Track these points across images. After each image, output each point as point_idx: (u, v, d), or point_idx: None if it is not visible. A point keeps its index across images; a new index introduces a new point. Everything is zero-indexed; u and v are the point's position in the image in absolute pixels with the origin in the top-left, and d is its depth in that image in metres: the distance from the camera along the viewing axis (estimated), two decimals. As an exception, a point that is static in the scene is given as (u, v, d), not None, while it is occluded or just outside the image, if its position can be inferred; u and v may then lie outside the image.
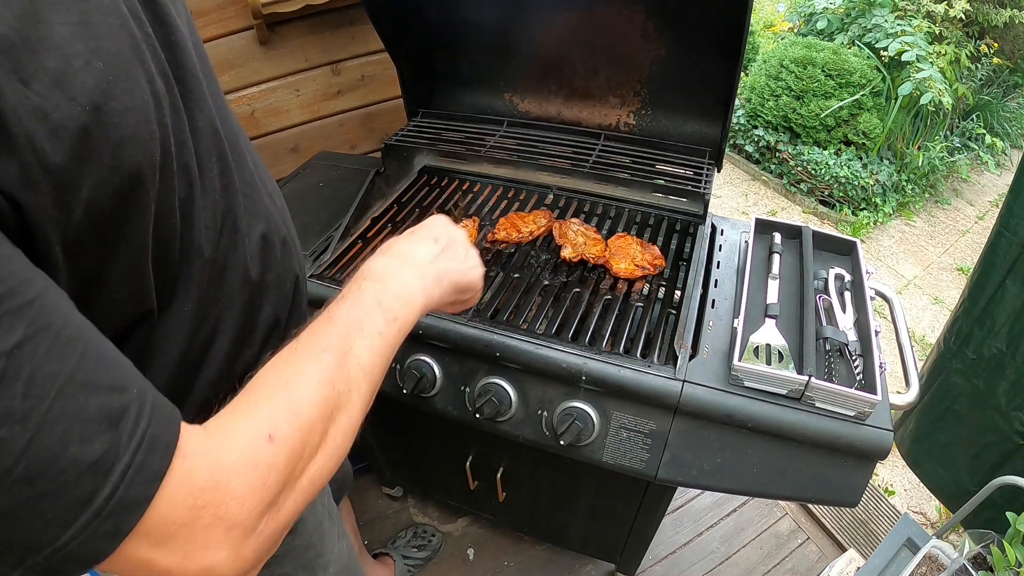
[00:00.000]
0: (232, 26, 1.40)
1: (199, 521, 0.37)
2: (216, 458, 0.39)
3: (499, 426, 0.97)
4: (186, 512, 0.37)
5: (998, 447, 1.48)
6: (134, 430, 0.35)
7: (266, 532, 0.41)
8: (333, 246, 1.15)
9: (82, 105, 0.35)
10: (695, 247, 1.11)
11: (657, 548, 1.76)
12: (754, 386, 0.86)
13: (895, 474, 2.23)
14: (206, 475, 0.38)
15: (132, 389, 0.36)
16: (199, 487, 0.37)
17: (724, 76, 1.10)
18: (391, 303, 0.56)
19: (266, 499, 0.40)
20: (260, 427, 0.42)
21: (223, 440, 0.40)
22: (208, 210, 0.51)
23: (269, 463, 0.41)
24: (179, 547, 0.37)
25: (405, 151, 1.37)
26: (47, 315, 0.32)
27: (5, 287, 0.30)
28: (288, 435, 0.42)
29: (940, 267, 3.27)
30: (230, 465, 0.39)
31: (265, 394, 0.44)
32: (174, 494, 0.36)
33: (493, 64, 1.39)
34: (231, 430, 0.41)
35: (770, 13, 4.99)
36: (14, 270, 0.31)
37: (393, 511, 1.86)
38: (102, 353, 0.35)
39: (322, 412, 0.46)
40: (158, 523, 0.35)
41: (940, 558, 1.35)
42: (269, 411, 0.43)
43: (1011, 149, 3.93)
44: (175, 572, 0.37)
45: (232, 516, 0.38)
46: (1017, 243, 1.37)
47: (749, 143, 3.88)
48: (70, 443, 0.32)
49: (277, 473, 0.41)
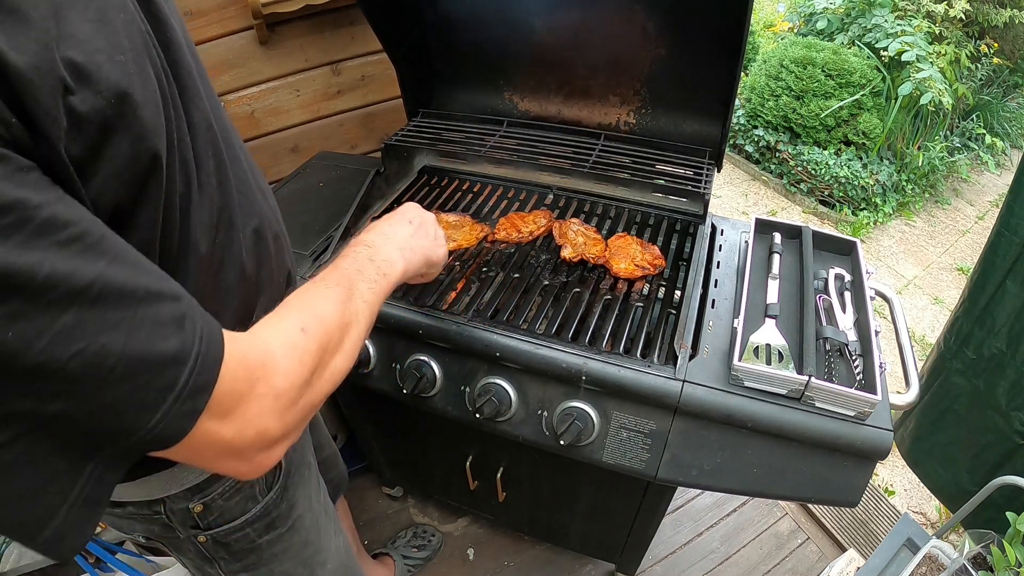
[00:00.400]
0: (232, 26, 1.40)
1: (253, 391, 0.46)
2: (263, 344, 0.48)
3: (499, 426, 0.97)
4: (244, 383, 0.45)
5: (998, 447, 1.48)
6: (193, 327, 0.42)
7: (303, 404, 0.50)
8: (333, 246, 1.15)
9: (107, 99, 0.39)
10: (695, 247, 1.11)
11: (657, 548, 1.76)
12: (754, 386, 0.86)
13: (895, 474, 2.23)
14: (257, 356, 0.47)
15: (185, 297, 0.43)
16: (252, 364, 0.46)
17: (724, 76, 1.11)
18: (380, 263, 0.68)
19: (303, 375, 0.50)
20: (295, 323, 0.52)
21: (265, 333, 0.50)
22: (205, 206, 0.53)
23: (304, 347, 0.51)
24: (238, 417, 0.45)
25: (405, 151, 1.37)
26: (116, 245, 0.39)
27: (82, 227, 0.36)
28: (316, 331, 0.52)
29: (940, 267, 3.27)
30: (275, 348, 0.49)
31: (295, 308, 0.55)
32: (233, 372, 0.44)
33: (493, 63, 1.39)
34: (271, 326, 0.51)
35: (770, 13, 4.99)
36: (83, 214, 0.37)
37: (393, 511, 1.86)
38: (156, 270, 0.42)
39: (339, 322, 0.56)
40: (222, 398, 0.43)
41: (940, 558, 1.35)
42: (300, 315, 0.53)
43: (1011, 149, 3.93)
44: (235, 439, 0.45)
45: (278, 387, 0.47)
46: (1017, 243, 1.37)
47: (749, 143, 3.88)
48: (155, 342, 0.39)
49: (311, 356, 0.51)
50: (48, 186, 0.35)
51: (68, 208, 0.36)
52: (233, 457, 0.47)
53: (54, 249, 0.34)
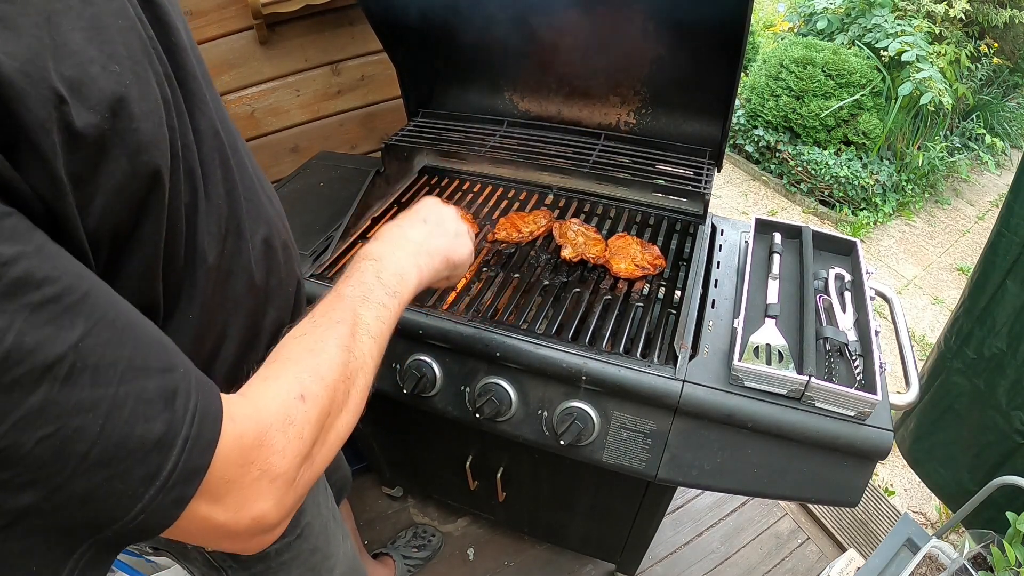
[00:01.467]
0: (232, 26, 1.40)
1: (248, 476, 0.41)
2: (258, 419, 0.43)
3: (499, 426, 0.97)
4: (237, 470, 0.41)
5: (999, 447, 1.48)
6: (186, 405, 0.37)
7: (302, 481, 0.46)
8: (333, 246, 1.15)
9: (100, 113, 0.36)
10: (695, 247, 1.11)
11: (657, 548, 1.76)
12: (754, 386, 0.86)
13: (895, 474, 2.23)
14: (252, 435, 0.42)
15: (179, 368, 0.39)
16: (247, 446, 0.41)
17: (724, 76, 1.10)
18: (389, 279, 0.61)
19: (302, 451, 0.45)
20: (292, 389, 0.46)
21: (262, 402, 0.44)
22: (212, 215, 0.51)
23: (304, 419, 0.45)
24: (232, 502, 0.41)
25: (405, 151, 1.37)
26: (101, 306, 0.34)
27: (61, 284, 0.32)
28: (317, 394, 0.47)
29: (940, 267, 3.27)
30: (271, 424, 0.43)
31: (292, 360, 0.48)
32: (227, 456, 0.39)
33: (493, 63, 1.39)
34: (267, 393, 0.45)
35: (770, 13, 4.99)
36: (65, 267, 0.33)
37: (393, 511, 1.86)
38: (150, 336, 0.38)
39: (343, 374, 0.50)
40: (214, 483, 0.39)
41: (940, 558, 1.35)
42: (297, 375, 0.47)
43: (1011, 149, 3.93)
44: (230, 524, 0.41)
45: (275, 468, 0.43)
46: (1017, 243, 1.37)
47: (749, 143, 3.87)
48: (136, 424, 0.34)
49: (311, 428, 0.46)
50: (26, 233, 0.31)
51: (46, 261, 0.32)
52: (228, 539, 0.43)
53: (24, 313, 0.30)
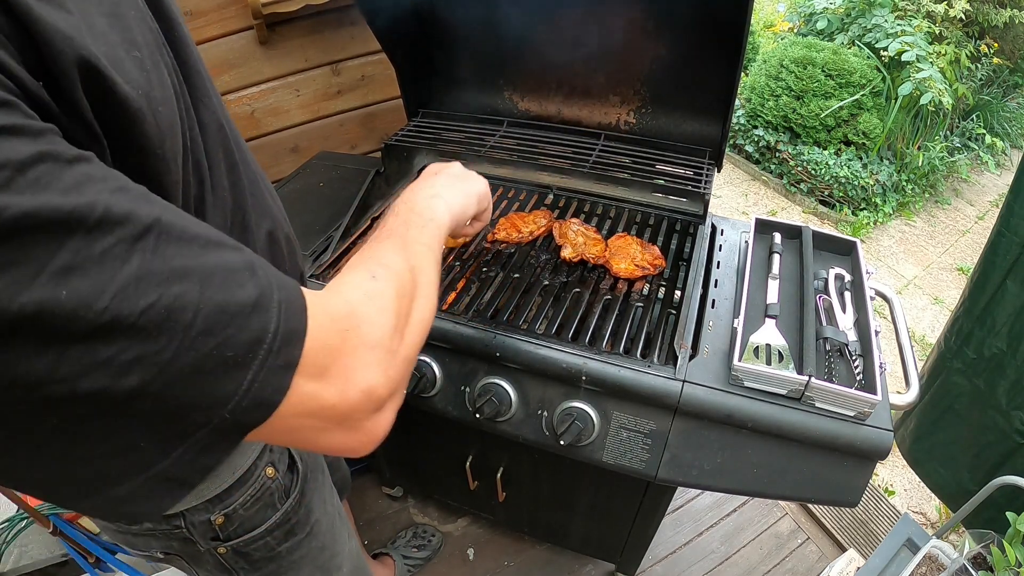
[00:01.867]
0: (232, 26, 1.40)
1: (347, 343, 0.42)
2: (340, 295, 0.45)
3: (499, 426, 0.97)
4: (335, 336, 0.41)
5: (999, 446, 1.48)
6: (267, 275, 0.38)
7: (401, 355, 0.47)
8: (333, 246, 1.15)
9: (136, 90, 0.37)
10: (695, 247, 1.10)
11: (657, 548, 1.76)
12: (754, 386, 0.86)
13: (895, 474, 2.23)
14: (339, 305, 0.43)
15: (245, 247, 0.39)
16: (336, 315, 0.42)
17: (724, 75, 1.10)
18: (421, 210, 0.65)
19: (390, 322, 0.46)
20: (362, 275, 0.49)
21: (337, 286, 0.47)
22: (218, 208, 0.51)
23: (380, 292, 0.48)
24: (338, 375, 0.41)
25: (405, 151, 1.37)
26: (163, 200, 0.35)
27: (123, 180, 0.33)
28: (386, 276, 0.50)
29: (940, 267, 3.27)
30: (353, 297, 0.46)
31: (356, 264, 0.52)
32: (320, 322, 0.40)
33: (493, 63, 1.39)
34: (340, 282, 0.48)
35: (770, 13, 4.99)
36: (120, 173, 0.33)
37: (393, 511, 1.86)
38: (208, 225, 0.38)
39: (406, 265, 0.53)
40: (316, 352, 0.39)
41: (940, 558, 1.35)
42: (364, 266, 0.51)
43: (1011, 149, 3.93)
44: (340, 403, 0.41)
45: (371, 336, 0.44)
46: (1017, 243, 1.37)
47: (749, 143, 3.87)
48: (231, 289, 0.35)
49: (389, 301, 0.48)
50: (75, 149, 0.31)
51: (102, 167, 0.32)
52: (341, 426, 0.42)
53: (105, 192, 0.30)
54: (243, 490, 0.68)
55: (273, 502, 0.73)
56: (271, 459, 0.71)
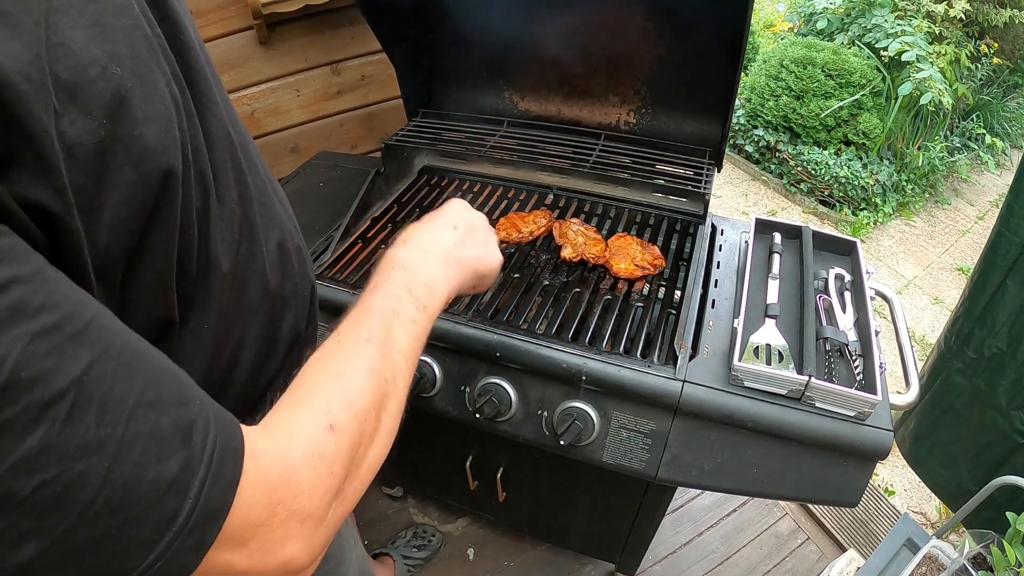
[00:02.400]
0: (232, 26, 1.41)
1: (275, 518, 0.38)
2: (284, 454, 0.39)
3: (499, 426, 0.97)
4: (263, 511, 0.37)
5: (999, 446, 1.48)
6: (204, 442, 0.34)
7: (333, 519, 0.43)
8: (333, 246, 1.15)
9: (99, 119, 0.33)
10: (695, 247, 1.11)
11: (657, 548, 1.76)
12: (754, 386, 0.86)
13: (895, 474, 2.23)
14: (277, 473, 0.38)
15: (195, 400, 0.35)
16: (272, 485, 0.38)
17: (724, 76, 1.11)
18: (419, 291, 0.58)
19: (333, 488, 0.42)
20: (320, 419, 0.42)
21: (287, 436, 0.41)
22: (225, 220, 0.49)
23: (333, 453, 0.42)
24: (258, 546, 0.37)
25: (405, 151, 1.37)
26: (106, 336, 0.31)
27: (61, 312, 0.29)
28: (347, 424, 0.43)
29: (940, 267, 3.27)
30: (298, 459, 0.40)
31: (319, 386, 0.45)
32: (251, 496, 0.36)
33: (493, 63, 1.39)
34: (293, 425, 0.42)
35: (770, 13, 4.99)
36: (66, 293, 0.30)
37: (393, 511, 1.86)
38: (162, 367, 0.34)
39: (374, 400, 0.47)
40: (237, 527, 0.36)
41: (940, 558, 1.35)
42: (326, 403, 0.44)
43: (1011, 149, 3.93)
44: (254, 570, 0.38)
45: (304, 508, 0.39)
46: (1017, 243, 1.37)
47: (749, 143, 3.87)
48: (148, 466, 0.31)
49: (341, 462, 0.42)
50: (21, 255, 0.28)
51: (44, 286, 0.29)
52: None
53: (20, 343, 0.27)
54: None
55: None
56: None
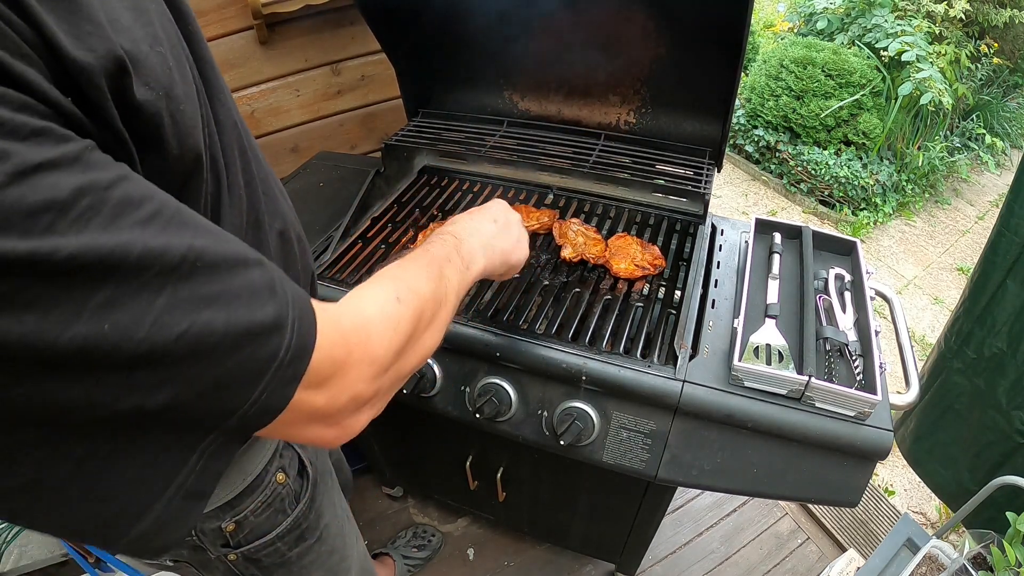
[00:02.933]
0: (232, 26, 1.40)
1: (351, 356, 0.44)
2: (358, 310, 0.47)
3: (499, 426, 0.97)
4: (341, 349, 0.43)
5: (999, 446, 1.48)
6: (284, 292, 0.40)
7: (395, 371, 0.50)
8: (333, 246, 1.15)
9: (156, 91, 0.37)
10: (695, 247, 1.11)
11: (657, 548, 1.76)
12: (754, 386, 0.86)
13: (895, 474, 2.23)
14: (352, 320, 0.45)
15: (266, 261, 0.40)
16: (348, 329, 0.45)
17: (724, 75, 1.10)
18: (465, 255, 0.67)
19: (398, 342, 0.49)
20: (390, 292, 0.50)
21: (360, 299, 0.49)
22: (235, 207, 0.51)
23: (399, 315, 0.49)
24: (334, 383, 0.43)
25: (405, 151, 1.37)
26: (192, 215, 0.36)
27: (158, 201, 0.34)
28: (411, 301, 0.51)
29: (940, 267, 3.27)
30: (370, 314, 0.47)
31: (388, 277, 0.53)
32: (329, 337, 0.42)
33: (492, 62, 1.39)
34: (365, 295, 0.49)
35: (770, 13, 4.99)
36: (153, 188, 0.35)
37: (393, 511, 1.86)
38: (234, 237, 0.39)
39: (432, 297, 0.55)
40: (320, 363, 0.41)
41: (940, 558, 1.35)
42: (394, 284, 0.52)
43: (1011, 149, 3.93)
44: (328, 406, 0.44)
45: (374, 352, 0.46)
46: (1017, 243, 1.37)
47: (749, 143, 3.87)
48: (254, 310, 0.37)
49: (406, 323, 0.50)
50: (112, 164, 0.33)
51: (138, 185, 0.34)
52: (321, 422, 0.45)
53: (139, 228, 0.32)
54: (254, 496, 0.68)
55: (283, 508, 0.72)
56: (281, 464, 0.71)
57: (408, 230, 1.22)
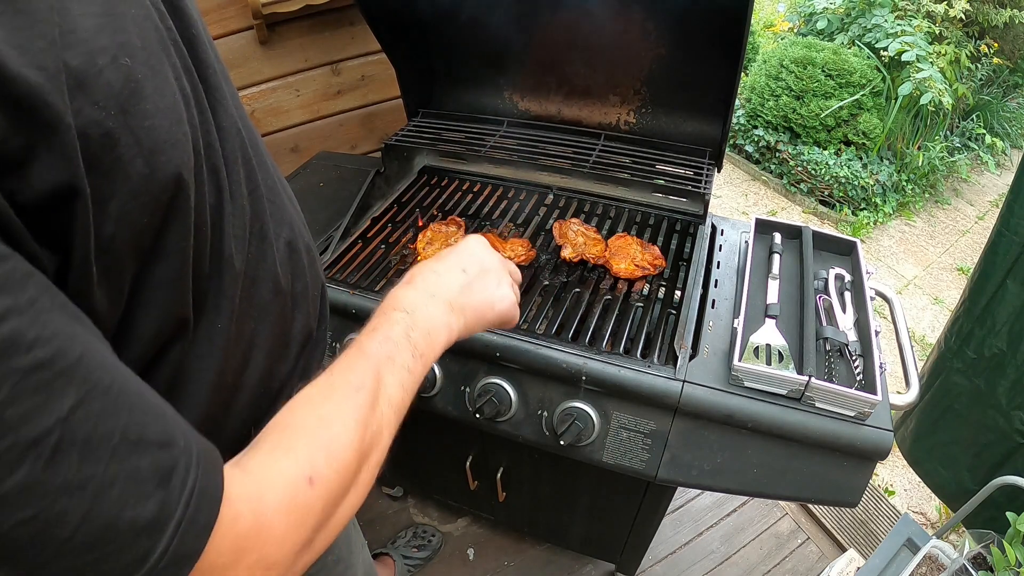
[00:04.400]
0: (232, 26, 1.41)
1: (241, 564, 0.37)
2: (259, 502, 0.39)
3: (499, 426, 0.97)
4: (230, 556, 0.37)
5: (999, 446, 1.48)
6: (183, 485, 0.34)
7: (298, 567, 0.42)
8: (333, 246, 1.15)
9: (106, 110, 0.33)
10: (695, 247, 1.10)
11: (657, 548, 1.76)
12: (754, 386, 0.86)
13: (895, 474, 2.23)
14: (250, 521, 0.38)
15: (179, 441, 0.35)
16: (243, 533, 0.37)
17: (725, 75, 1.10)
18: (418, 339, 0.56)
19: (303, 539, 0.41)
20: (301, 469, 0.41)
21: (264, 482, 0.40)
22: (237, 217, 0.48)
23: (309, 506, 0.41)
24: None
25: (405, 151, 1.37)
26: (95, 371, 0.31)
27: (52, 348, 0.28)
28: (328, 477, 0.42)
29: (940, 267, 3.27)
30: (272, 508, 0.39)
31: (303, 432, 0.44)
32: (221, 542, 0.36)
33: (492, 62, 1.39)
34: (271, 470, 0.41)
35: (770, 13, 4.99)
36: (59, 326, 0.29)
37: (393, 511, 1.86)
38: (148, 405, 0.34)
39: (358, 454, 0.45)
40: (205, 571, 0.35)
41: (940, 558, 1.35)
42: (309, 452, 0.42)
43: (1011, 149, 3.93)
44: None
45: (271, 556, 0.39)
46: (1017, 243, 1.37)
47: (749, 143, 3.87)
48: (126, 506, 0.31)
49: (315, 515, 0.42)
50: (20, 282, 0.28)
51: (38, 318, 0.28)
52: None
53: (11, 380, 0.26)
54: None
55: None
56: None
57: (408, 230, 1.22)
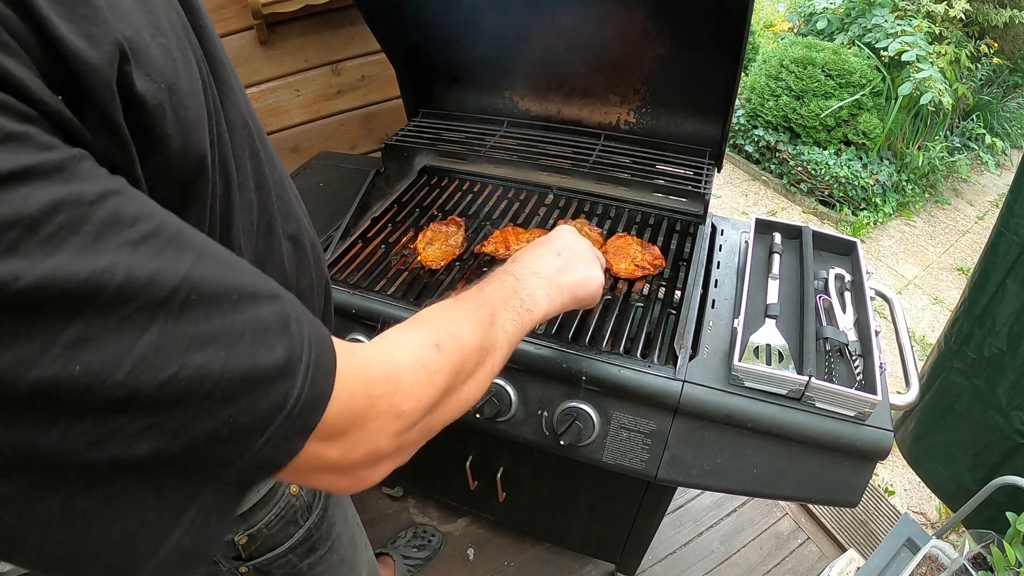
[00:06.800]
0: (232, 26, 1.41)
1: (374, 408, 0.40)
2: (389, 356, 0.43)
3: (499, 426, 0.97)
4: (363, 401, 0.39)
5: (999, 446, 1.48)
6: (300, 330, 0.35)
7: (423, 426, 0.45)
8: (333, 246, 1.15)
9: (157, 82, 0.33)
10: (695, 247, 1.10)
11: (657, 548, 1.76)
12: (754, 386, 0.86)
13: (895, 474, 2.23)
14: (379, 368, 0.41)
15: (282, 294, 0.36)
16: (373, 379, 0.40)
17: (725, 75, 1.10)
18: (525, 297, 0.62)
19: (431, 396, 0.44)
20: (428, 338, 0.46)
21: (394, 344, 0.44)
22: (245, 210, 0.48)
23: (436, 366, 0.45)
24: (351, 436, 0.39)
25: (405, 151, 1.37)
26: (198, 239, 0.31)
27: (154, 222, 0.29)
28: (452, 350, 0.47)
29: (940, 267, 3.27)
30: (402, 361, 0.43)
31: (430, 320, 0.49)
32: (351, 385, 0.38)
33: (492, 62, 1.38)
34: (400, 339, 0.45)
35: (770, 13, 4.99)
36: (152, 205, 0.30)
37: (393, 511, 1.86)
38: (247, 264, 0.35)
39: (478, 346, 0.51)
40: (336, 416, 0.37)
41: (940, 558, 1.35)
42: (435, 330, 0.47)
43: (1011, 149, 3.93)
44: (342, 459, 0.39)
45: (401, 406, 0.41)
46: (1017, 243, 1.37)
47: (749, 143, 3.87)
48: (258, 354, 0.32)
49: (442, 377, 0.45)
50: (103, 177, 0.28)
51: (132, 201, 0.29)
52: (333, 473, 0.40)
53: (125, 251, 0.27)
54: (267, 509, 0.67)
55: (296, 519, 0.71)
56: None
57: (408, 230, 1.22)
